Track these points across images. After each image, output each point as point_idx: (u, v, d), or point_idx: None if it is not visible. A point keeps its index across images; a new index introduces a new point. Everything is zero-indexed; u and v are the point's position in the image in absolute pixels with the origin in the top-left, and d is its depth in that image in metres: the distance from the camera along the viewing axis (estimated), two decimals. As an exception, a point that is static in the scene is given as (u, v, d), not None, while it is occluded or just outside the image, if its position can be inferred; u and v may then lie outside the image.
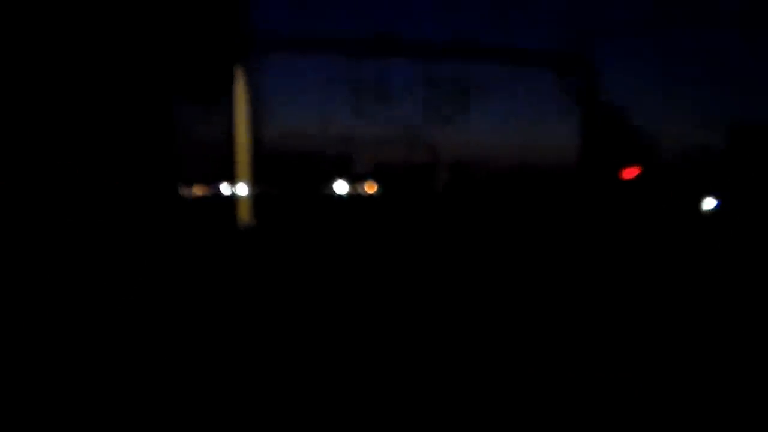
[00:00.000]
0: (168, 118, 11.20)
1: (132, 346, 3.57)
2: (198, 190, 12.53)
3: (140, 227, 9.70)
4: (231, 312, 4.26)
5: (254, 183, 12.91)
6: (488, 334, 3.53)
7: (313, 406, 2.46)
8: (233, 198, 12.26)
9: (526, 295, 4.55)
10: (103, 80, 9.02)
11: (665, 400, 2.60)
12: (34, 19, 7.23)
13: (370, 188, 30.78)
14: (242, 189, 12.05)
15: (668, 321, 4.10)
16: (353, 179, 29.52)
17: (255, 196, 12.90)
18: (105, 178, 9.48)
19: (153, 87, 10.33)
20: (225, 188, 12.77)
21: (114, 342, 3.66)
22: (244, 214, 11.98)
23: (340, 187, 28.40)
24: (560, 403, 2.52)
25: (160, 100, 10.82)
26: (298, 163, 26.62)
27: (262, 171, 14.38)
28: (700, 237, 11.31)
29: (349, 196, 28.23)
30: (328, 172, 28.64)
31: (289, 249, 8.26)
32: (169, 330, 3.89)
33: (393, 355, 3.13)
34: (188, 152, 12.56)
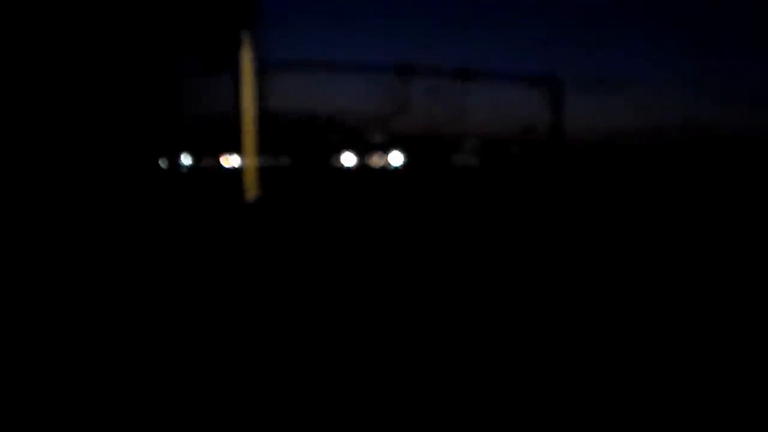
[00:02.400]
0: (173, 89, 10.78)
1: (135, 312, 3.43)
2: (202, 162, 12.12)
3: (143, 198, 9.38)
4: (232, 291, 4.01)
5: (259, 155, 12.51)
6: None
7: (318, 386, 2.42)
8: (238, 170, 11.87)
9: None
10: (109, 52, 8.60)
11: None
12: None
13: (380, 162, 30.10)
14: (247, 161, 11.64)
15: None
16: (362, 151, 28.87)
17: (260, 169, 12.51)
18: (107, 149, 9.13)
19: (158, 55, 9.88)
20: (229, 160, 12.36)
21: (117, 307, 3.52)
22: (250, 187, 11.59)
23: (348, 159, 27.80)
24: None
25: (165, 69, 10.38)
26: (304, 134, 26.06)
27: (267, 143, 13.90)
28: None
29: (357, 169, 27.62)
30: (337, 143, 28.04)
31: (293, 224, 7.90)
32: (172, 299, 3.77)
33: (397, 344, 2.98)
34: (193, 123, 12.15)
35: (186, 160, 11.47)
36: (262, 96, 12.31)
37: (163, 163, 10.99)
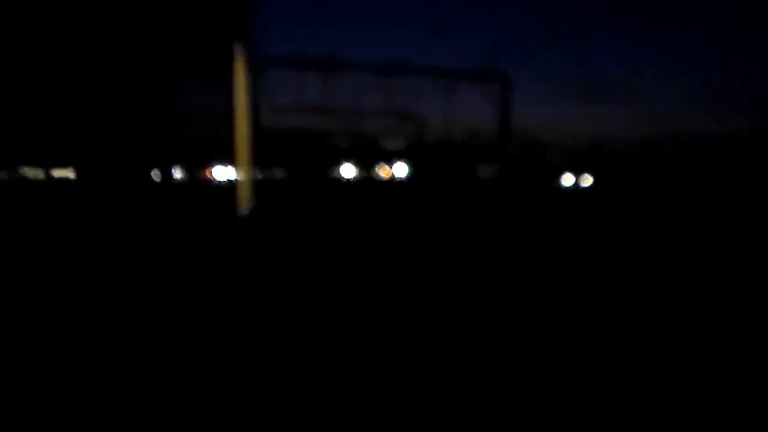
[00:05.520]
0: (166, 100, 10.64)
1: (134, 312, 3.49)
2: (196, 174, 11.94)
3: (135, 210, 9.21)
4: (227, 311, 3.88)
5: (254, 167, 12.32)
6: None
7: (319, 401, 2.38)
8: (232, 183, 11.68)
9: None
10: (102, 60, 8.50)
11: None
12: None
13: (385, 173, 29.38)
14: (241, 173, 11.44)
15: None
16: (363, 162, 28.26)
17: (255, 181, 12.31)
18: (99, 161, 9.00)
19: (151, 64, 9.75)
20: (223, 172, 12.17)
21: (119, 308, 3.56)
22: (243, 200, 11.37)
23: (348, 170, 27.07)
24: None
25: (158, 79, 10.24)
26: (301, 145, 25.62)
27: (263, 154, 13.70)
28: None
29: (359, 181, 27.01)
30: (335, 154, 27.47)
31: (290, 239, 7.69)
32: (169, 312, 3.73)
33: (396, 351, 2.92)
34: (186, 135, 11.99)
35: (178, 172, 11.27)
36: (256, 107, 12.12)
37: (155, 175, 10.83)
